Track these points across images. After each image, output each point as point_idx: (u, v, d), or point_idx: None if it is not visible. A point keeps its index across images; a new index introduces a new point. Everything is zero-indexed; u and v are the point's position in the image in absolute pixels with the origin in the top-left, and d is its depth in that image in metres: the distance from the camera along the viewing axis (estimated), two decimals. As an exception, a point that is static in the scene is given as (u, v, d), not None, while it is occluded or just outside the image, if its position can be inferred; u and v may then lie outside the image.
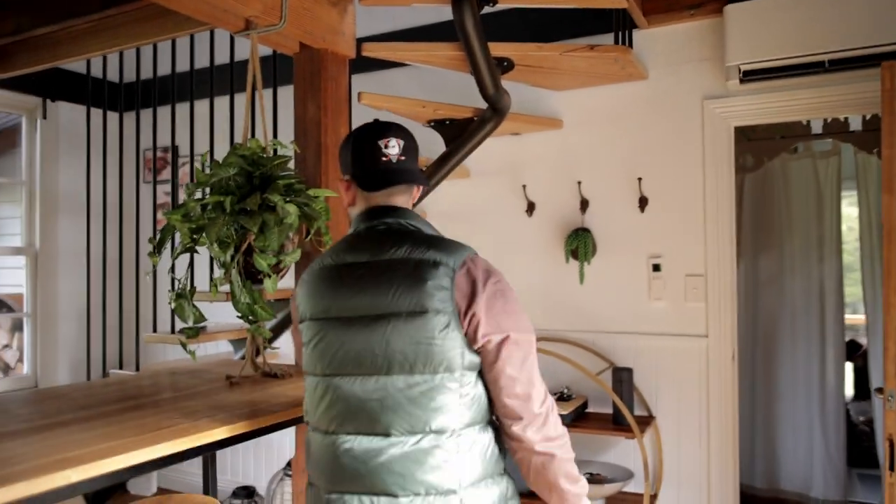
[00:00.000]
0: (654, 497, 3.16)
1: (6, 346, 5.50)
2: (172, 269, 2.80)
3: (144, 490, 4.33)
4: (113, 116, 4.39)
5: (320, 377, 1.48)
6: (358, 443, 1.42)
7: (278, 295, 3.20)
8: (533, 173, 3.49)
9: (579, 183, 3.36)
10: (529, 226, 3.50)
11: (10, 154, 4.75)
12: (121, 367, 3.83)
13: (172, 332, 3.30)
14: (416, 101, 2.94)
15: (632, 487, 3.19)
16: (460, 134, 3.05)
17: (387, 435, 1.40)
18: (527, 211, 3.48)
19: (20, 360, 4.60)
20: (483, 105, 2.98)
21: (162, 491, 4.45)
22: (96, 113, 4.34)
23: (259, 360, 2.53)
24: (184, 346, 2.34)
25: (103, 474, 1.40)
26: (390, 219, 1.54)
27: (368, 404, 1.41)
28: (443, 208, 3.67)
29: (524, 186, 3.49)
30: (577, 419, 3.14)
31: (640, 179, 3.25)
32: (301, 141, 2.72)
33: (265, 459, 4.20)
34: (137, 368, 3.48)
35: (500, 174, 3.56)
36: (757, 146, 4.43)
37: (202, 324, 3.28)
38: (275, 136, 3.24)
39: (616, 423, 3.07)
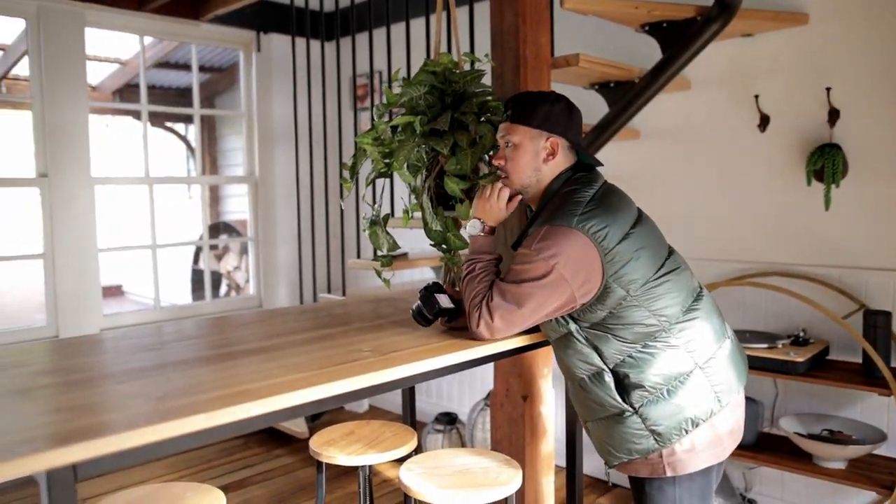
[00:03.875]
0: (911, 464, 2.65)
1: (236, 267, 6.04)
2: (373, 195, 2.75)
3: (357, 406, 4.55)
4: (319, 45, 4.45)
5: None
6: None
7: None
8: (767, 81, 2.96)
9: (828, 90, 2.79)
10: (761, 143, 3.00)
11: (232, 89, 5.04)
12: (329, 292, 3.97)
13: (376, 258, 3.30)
14: (628, 2, 2.56)
15: (883, 450, 2.70)
16: (679, 38, 2.63)
17: None
18: (759, 125, 2.97)
19: (247, 280, 4.98)
20: (707, 2, 2.54)
21: (372, 408, 4.65)
22: (304, 43, 4.43)
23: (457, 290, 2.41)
24: (378, 273, 2.28)
25: (282, 409, 1.35)
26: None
27: None
28: (656, 126, 3.27)
29: (756, 97, 2.98)
30: (815, 367, 2.70)
31: (910, 82, 2.62)
32: (497, 54, 2.49)
33: (469, 387, 4.19)
34: (344, 293, 3.58)
35: (727, 84, 3.07)
36: None
37: (398, 251, 3.25)
38: (472, 53, 3.03)
39: (866, 376, 2.59)
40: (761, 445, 2.83)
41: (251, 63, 4.62)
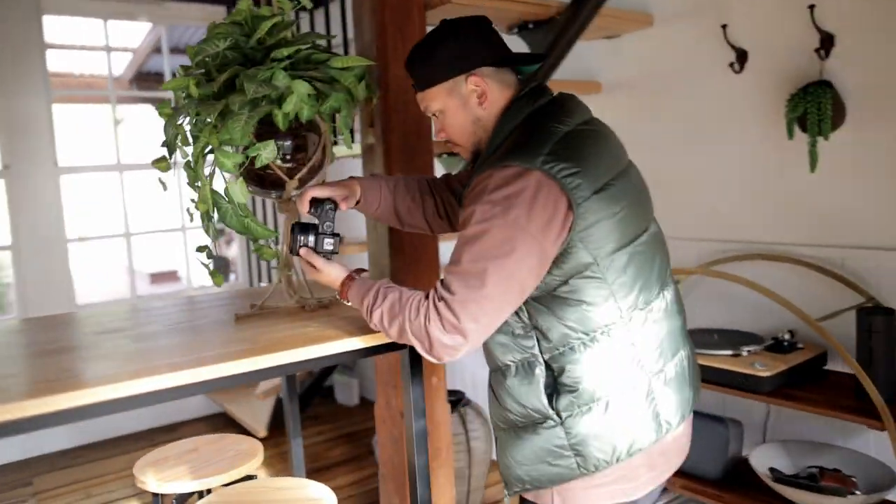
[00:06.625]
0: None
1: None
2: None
3: (348, 400, 4.36)
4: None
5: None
6: None
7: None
8: (742, 6, 2.28)
9: (811, 7, 2.08)
10: (738, 86, 2.32)
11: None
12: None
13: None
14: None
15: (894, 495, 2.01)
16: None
17: None
18: (732, 64, 2.30)
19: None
20: None
21: (364, 400, 4.36)
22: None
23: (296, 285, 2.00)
24: (206, 267, 1.92)
25: None
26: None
27: None
28: (619, 75, 2.66)
29: (724, 27, 2.30)
30: (794, 382, 2.04)
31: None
32: (356, -3, 2.04)
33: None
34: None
35: (694, 14, 2.41)
36: None
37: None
38: None
39: (859, 398, 1.92)
40: (728, 481, 2.19)
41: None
